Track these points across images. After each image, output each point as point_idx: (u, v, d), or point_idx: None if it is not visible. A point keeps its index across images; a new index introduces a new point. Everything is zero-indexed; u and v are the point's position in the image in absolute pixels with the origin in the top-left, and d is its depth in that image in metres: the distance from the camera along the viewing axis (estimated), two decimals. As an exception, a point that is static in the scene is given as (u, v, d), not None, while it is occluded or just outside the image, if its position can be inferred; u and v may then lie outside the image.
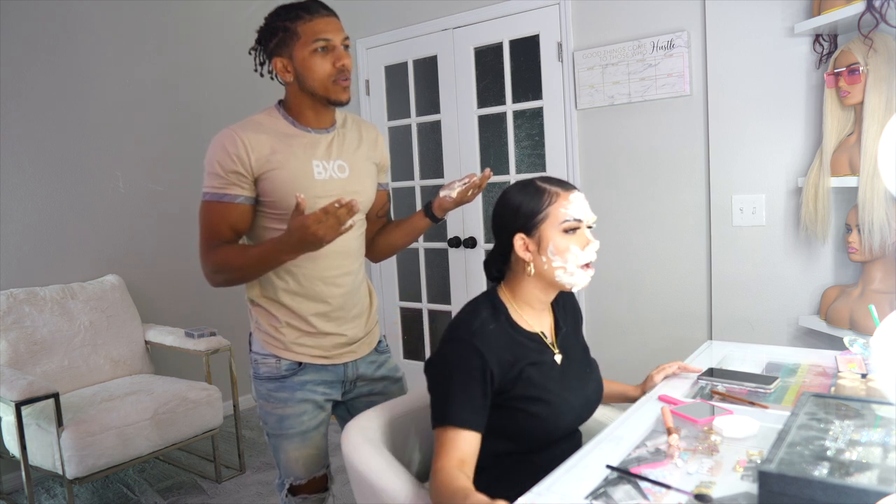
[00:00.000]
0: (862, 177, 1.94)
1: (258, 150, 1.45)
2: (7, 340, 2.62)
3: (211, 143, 1.48)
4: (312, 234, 1.27)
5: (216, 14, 3.59)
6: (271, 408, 1.57)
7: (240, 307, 3.66)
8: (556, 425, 1.26)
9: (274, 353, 1.55)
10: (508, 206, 1.28)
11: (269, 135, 1.48)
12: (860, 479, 0.88)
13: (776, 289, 2.37)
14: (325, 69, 1.46)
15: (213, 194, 1.47)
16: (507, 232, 1.28)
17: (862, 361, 1.49)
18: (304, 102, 1.52)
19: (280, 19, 1.47)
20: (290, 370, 1.55)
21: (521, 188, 1.29)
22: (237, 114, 4.02)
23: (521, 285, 1.30)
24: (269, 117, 1.53)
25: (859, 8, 1.90)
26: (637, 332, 2.71)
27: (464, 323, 1.26)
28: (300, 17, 1.45)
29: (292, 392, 1.55)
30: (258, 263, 1.43)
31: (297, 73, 1.48)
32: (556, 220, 1.24)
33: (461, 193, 1.62)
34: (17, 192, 2.89)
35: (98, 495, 2.74)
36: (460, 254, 3.28)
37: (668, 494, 1.00)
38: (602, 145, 2.77)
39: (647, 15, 2.56)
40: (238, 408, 2.91)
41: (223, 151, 1.45)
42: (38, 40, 2.94)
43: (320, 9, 1.47)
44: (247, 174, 1.45)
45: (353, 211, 1.26)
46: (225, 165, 1.44)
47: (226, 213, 1.47)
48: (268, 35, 1.50)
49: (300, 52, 1.45)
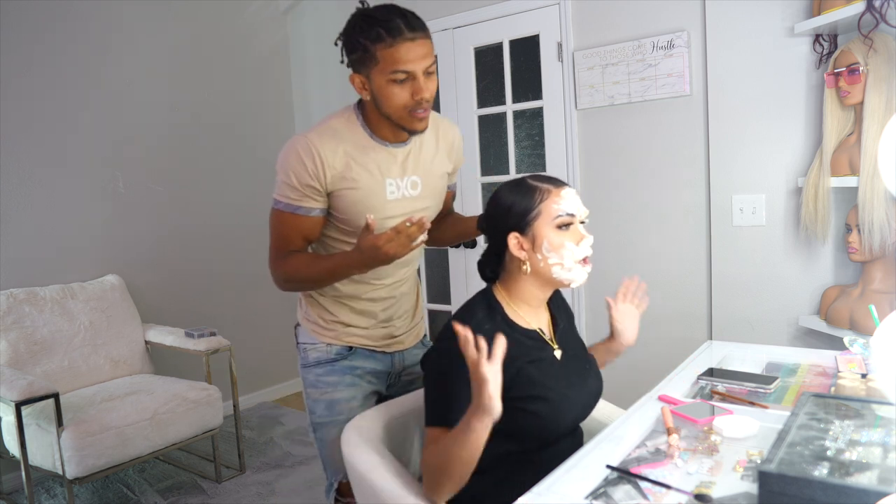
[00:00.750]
0: (862, 177, 1.94)
1: (334, 166, 1.40)
2: (7, 340, 2.62)
3: (285, 150, 1.43)
4: (384, 254, 1.28)
5: (217, 14, 3.59)
6: (319, 394, 1.56)
7: (240, 307, 3.69)
8: (558, 423, 1.26)
9: (324, 341, 1.57)
10: (500, 205, 1.28)
11: (345, 145, 1.42)
12: (860, 479, 0.88)
13: (776, 289, 2.36)
14: (402, 100, 1.35)
15: (287, 205, 1.44)
16: (500, 232, 1.28)
17: (862, 361, 1.49)
18: (380, 120, 1.44)
19: (360, 35, 1.32)
20: (340, 354, 1.57)
21: (511, 188, 1.29)
22: (237, 113, 4.04)
23: (517, 284, 1.30)
24: (346, 123, 1.45)
25: (859, 8, 1.90)
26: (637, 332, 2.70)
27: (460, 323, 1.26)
28: (382, 38, 1.30)
29: (342, 375, 1.56)
30: (328, 276, 1.44)
31: (374, 96, 1.38)
32: (549, 216, 1.24)
33: None
34: (17, 192, 2.89)
35: (98, 495, 2.74)
36: (460, 254, 3.28)
37: (668, 494, 1.00)
38: (602, 145, 2.76)
39: (647, 15, 2.56)
40: (238, 408, 2.91)
41: (299, 164, 1.39)
42: (39, 40, 2.95)
43: (405, 30, 1.30)
44: (321, 188, 1.42)
45: (423, 228, 1.25)
46: (301, 178, 1.40)
47: (299, 225, 1.45)
48: (349, 48, 1.37)
49: (377, 78, 1.34)
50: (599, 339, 1.60)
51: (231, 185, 3.68)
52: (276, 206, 1.46)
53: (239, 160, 3.70)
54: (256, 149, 3.73)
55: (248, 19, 3.74)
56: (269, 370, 3.80)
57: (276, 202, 1.45)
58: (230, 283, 3.65)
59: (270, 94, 3.87)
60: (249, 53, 3.76)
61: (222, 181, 3.63)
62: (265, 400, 3.84)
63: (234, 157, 3.70)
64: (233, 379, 2.88)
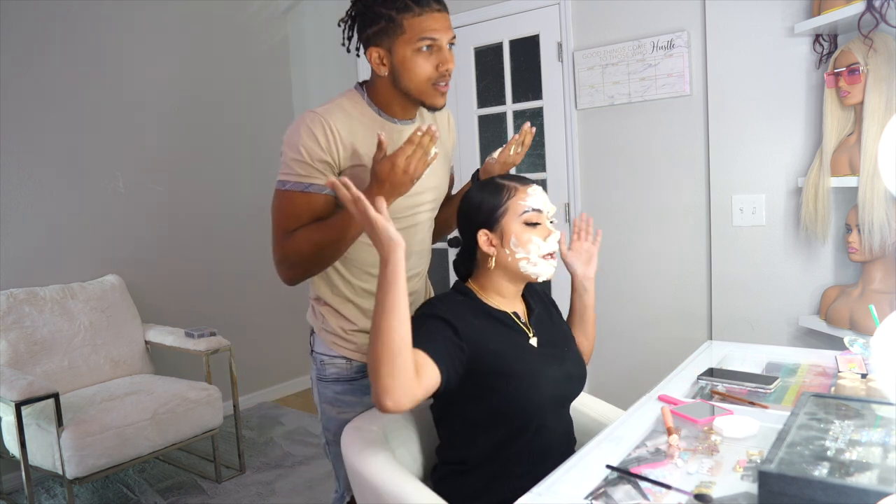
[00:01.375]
0: (862, 177, 1.94)
1: (346, 141, 1.34)
2: (7, 340, 2.62)
3: (294, 126, 1.36)
4: (403, 172, 1.21)
5: (217, 13, 3.59)
6: (336, 412, 1.49)
7: (240, 307, 3.69)
8: (540, 397, 1.26)
9: (344, 356, 1.47)
10: (470, 204, 1.33)
11: (355, 123, 1.37)
12: (860, 479, 0.88)
13: (776, 289, 2.36)
14: (426, 71, 1.33)
15: (297, 183, 1.32)
16: (471, 229, 1.32)
17: (862, 361, 1.49)
18: (394, 97, 1.40)
19: (386, 6, 1.30)
20: (360, 372, 1.48)
21: (481, 186, 1.34)
22: (237, 113, 4.03)
23: (488, 279, 1.34)
24: (352, 103, 1.41)
25: (859, 8, 1.90)
26: (637, 332, 2.71)
27: (429, 304, 1.30)
28: (409, 8, 1.29)
29: (361, 396, 1.48)
30: (344, 230, 1.28)
31: (394, 69, 1.34)
32: (516, 212, 1.29)
33: (504, 154, 1.54)
34: (17, 192, 2.89)
35: (98, 495, 2.74)
36: (460, 254, 3.28)
37: (668, 494, 1.00)
38: (602, 145, 2.77)
39: (647, 15, 2.56)
40: (238, 408, 2.91)
41: (311, 138, 1.32)
42: (39, 40, 2.95)
43: (432, 2, 1.32)
44: (334, 164, 1.34)
45: (434, 138, 1.21)
46: (313, 153, 1.32)
47: (310, 204, 1.33)
48: (368, 20, 1.33)
49: (402, 49, 1.32)
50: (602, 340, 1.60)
51: (231, 185, 3.68)
52: (282, 188, 1.34)
53: (239, 160, 3.70)
54: (257, 148, 3.73)
55: (248, 19, 3.74)
56: (269, 370, 3.81)
57: (283, 182, 1.34)
58: (230, 283, 3.65)
59: (270, 93, 3.87)
60: (249, 53, 3.76)
61: (222, 181, 3.63)
62: (265, 400, 3.84)
63: (234, 156, 3.70)
64: (233, 379, 2.88)
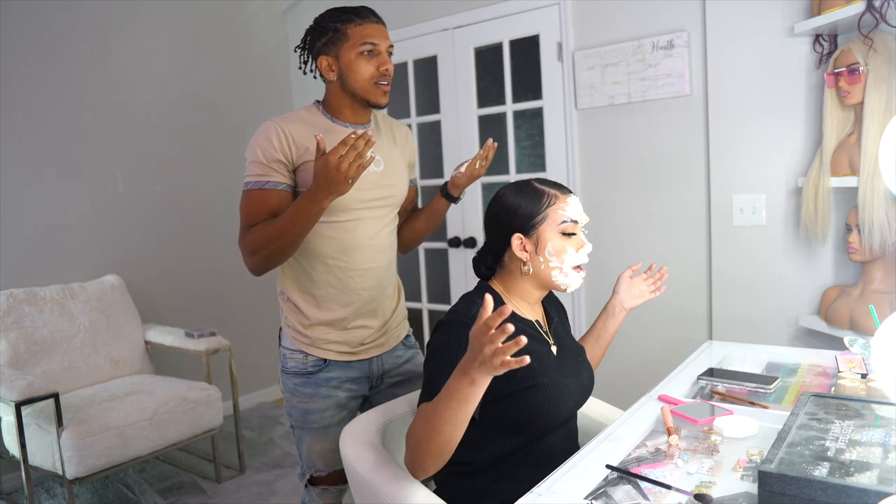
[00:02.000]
0: (862, 177, 1.94)
1: (298, 140, 1.51)
2: (7, 340, 2.62)
3: (254, 135, 1.54)
4: (336, 170, 1.30)
5: (217, 14, 3.59)
6: (297, 401, 1.64)
7: (240, 307, 3.69)
8: (556, 414, 1.27)
9: (301, 350, 1.62)
10: (505, 206, 1.30)
11: (309, 128, 1.54)
12: (860, 479, 0.88)
13: (776, 289, 2.37)
14: (368, 71, 1.53)
15: (255, 182, 1.52)
16: (503, 232, 1.30)
17: (862, 361, 1.49)
18: (343, 101, 1.58)
19: (332, 20, 1.53)
20: (316, 366, 1.62)
21: (517, 190, 1.31)
22: (237, 113, 4.05)
23: (514, 282, 1.33)
24: (308, 113, 1.60)
25: (859, 8, 1.90)
26: (637, 332, 2.71)
27: (463, 308, 1.26)
28: (351, 20, 1.52)
29: (316, 388, 1.61)
30: (291, 223, 1.42)
31: (341, 73, 1.54)
32: (555, 221, 1.27)
33: (469, 167, 1.70)
34: (17, 192, 2.89)
35: (98, 495, 2.74)
36: (460, 254, 3.28)
37: (668, 494, 1.00)
38: (602, 145, 2.77)
39: (647, 15, 2.56)
40: (238, 408, 2.91)
41: (266, 141, 1.50)
42: (38, 40, 2.95)
43: (371, 15, 1.55)
44: (287, 163, 1.51)
45: (370, 142, 1.30)
46: (267, 154, 1.50)
47: (267, 200, 1.51)
48: (317, 34, 1.56)
49: (347, 54, 1.52)
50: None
51: (231, 185, 3.66)
52: (245, 188, 1.53)
53: (239, 160, 3.64)
54: (256, 149, 3.73)
55: (248, 19, 3.74)
56: (269, 370, 3.80)
57: (245, 184, 1.53)
58: (230, 283, 3.65)
59: (270, 93, 3.87)
60: (249, 53, 3.76)
61: (222, 181, 3.63)
62: (265, 400, 3.84)
63: (234, 156, 3.69)
64: (233, 379, 2.88)
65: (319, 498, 1.71)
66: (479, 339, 0.93)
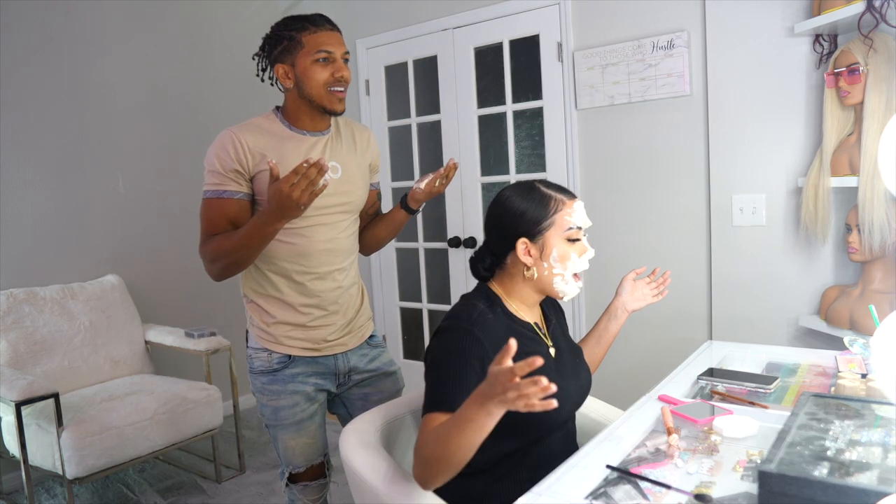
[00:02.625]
0: (862, 177, 1.94)
1: (254, 149, 1.52)
2: (7, 340, 2.62)
3: (211, 144, 1.55)
4: (287, 198, 1.31)
5: (216, 14, 3.59)
6: (266, 400, 1.65)
7: (240, 307, 3.66)
8: (557, 414, 1.25)
9: (266, 347, 1.63)
10: (511, 210, 1.28)
11: (266, 136, 1.56)
12: (860, 479, 0.88)
13: (776, 289, 2.36)
14: (323, 77, 1.55)
15: (213, 191, 1.53)
16: (507, 235, 1.28)
17: (862, 361, 1.49)
18: (301, 108, 1.60)
19: (287, 29, 1.56)
20: (280, 363, 1.63)
21: (523, 193, 1.29)
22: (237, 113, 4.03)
23: (514, 285, 1.32)
24: (266, 120, 1.61)
25: (859, 8, 1.90)
26: (637, 332, 2.70)
27: (463, 312, 1.26)
28: (306, 28, 1.55)
29: (284, 384, 1.63)
30: (247, 240, 1.46)
31: (298, 80, 1.56)
32: (561, 228, 1.27)
33: (429, 184, 1.72)
34: (17, 191, 2.89)
35: (98, 495, 2.74)
36: (460, 254, 3.28)
37: (668, 494, 1.00)
38: (602, 145, 2.77)
39: (647, 15, 2.56)
40: (238, 408, 2.91)
41: (223, 150, 1.52)
42: (39, 41, 2.94)
43: (325, 23, 1.57)
44: (244, 171, 1.53)
45: (323, 170, 1.30)
46: (224, 164, 1.51)
47: (225, 209, 1.53)
48: (273, 42, 1.59)
49: (302, 61, 1.54)
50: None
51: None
52: (204, 197, 1.55)
53: None
54: (256, 149, 3.73)
55: (248, 19, 3.74)
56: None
57: (204, 193, 1.55)
58: (230, 283, 3.63)
59: (270, 93, 3.85)
60: (249, 53, 3.75)
61: (222, 181, 3.63)
62: (265, 400, 3.84)
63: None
64: (233, 379, 2.88)
65: (302, 494, 1.72)
66: (502, 383, 0.91)
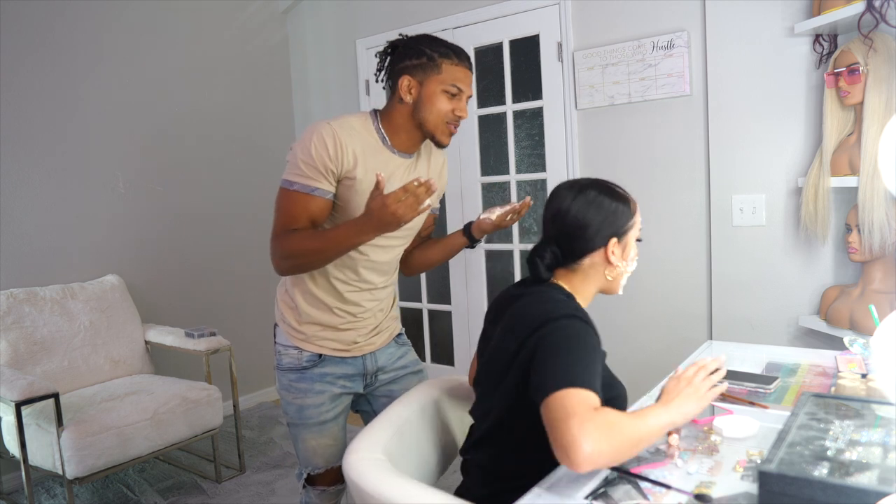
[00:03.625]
0: (862, 177, 1.94)
1: (350, 155, 1.48)
2: (7, 340, 2.62)
3: (307, 133, 1.49)
4: (391, 214, 1.30)
5: (217, 15, 3.59)
6: (291, 398, 1.64)
7: (240, 307, 3.69)
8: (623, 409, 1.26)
9: (296, 345, 1.62)
10: (605, 207, 1.25)
11: (361, 143, 1.51)
12: (860, 479, 0.88)
13: (776, 289, 2.37)
14: (446, 109, 1.51)
15: (303, 185, 1.47)
16: (599, 234, 1.25)
17: (862, 361, 1.49)
18: (406, 125, 1.55)
19: (430, 47, 1.52)
20: (310, 361, 1.62)
21: (608, 191, 1.27)
22: (236, 113, 4.03)
23: (586, 284, 1.29)
24: (362, 124, 1.55)
25: (859, 8, 1.90)
26: (637, 332, 2.71)
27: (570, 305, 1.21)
28: (449, 56, 1.51)
29: (311, 383, 1.62)
30: (335, 245, 1.43)
31: (419, 100, 1.52)
32: (637, 227, 1.30)
33: (500, 217, 1.70)
34: (17, 192, 2.89)
35: (98, 495, 2.74)
36: (460, 254, 3.27)
37: (668, 494, 1.00)
38: (602, 145, 2.77)
39: (647, 15, 2.56)
40: (238, 408, 2.91)
41: (322, 146, 1.46)
42: (39, 41, 2.94)
43: (467, 60, 1.55)
44: (336, 172, 1.48)
45: (431, 190, 1.29)
46: (322, 160, 1.46)
47: (310, 206, 1.48)
48: (410, 53, 1.52)
49: (433, 85, 1.50)
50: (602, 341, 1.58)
51: (231, 184, 3.67)
52: (289, 188, 1.47)
53: (239, 160, 3.70)
54: (256, 148, 3.73)
55: (248, 19, 3.74)
56: (270, 370, 3.77)
57: (290, 183, 1.47)
58: (230, 283, 3.65)
59: (270, 93, 3.87)
60: (249, 53, 3.76)
61: (222, 181, 3.63)
62: (265, 400, 3.84)
63: (234, 156, 3.70)
64: (233, 379, 2.88)
65: (319, 499, 1.71)
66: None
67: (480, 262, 3.24)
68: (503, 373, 1.20)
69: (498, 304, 1.36)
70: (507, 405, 1.20)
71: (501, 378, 1.21)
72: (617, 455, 0.97)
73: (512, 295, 1.32)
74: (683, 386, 1.11)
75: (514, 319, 1.23)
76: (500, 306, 1.34)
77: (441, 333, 3.48)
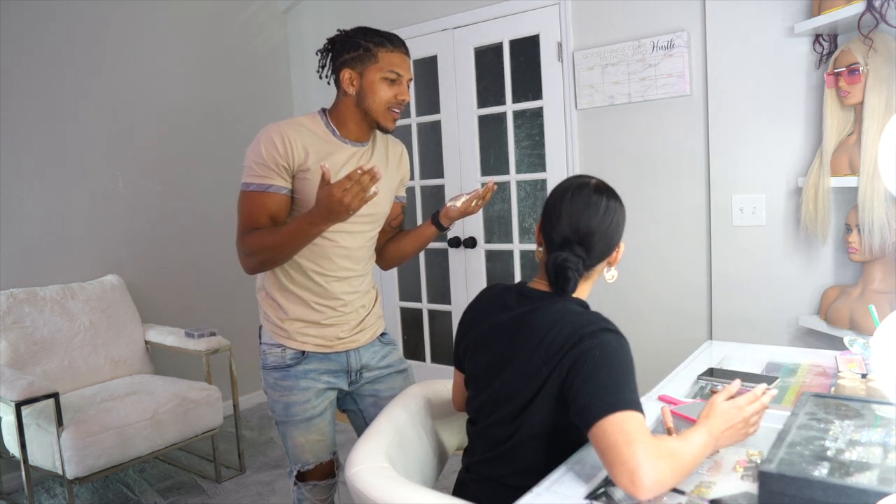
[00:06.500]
0: (862, 177, 1.94)
1: (299, 150, 1.55)
2: (7, 340, 2.62)
3: (257, 137, 1.57)
4: (338, 202, 1.33)
5: (217, 14, 3.59)
6: (278, 396, 1.67)
7: (240, 307, 3.69)
8: None
9: (280, 343, 1.65)
10: (623, 215, 1.28)
11: (311, 137, 1.58)
12: (860, 479, 0.88)
13: (776, 289, 2.37)
14: (387, 96, 1.58)
15: (257, 185, 1.55)
16: (614, 242, 1.26)
17: (862, 361, 1.49)
18: (353, 116, 1.61)
19: (365, 38, 1.58)
20: (294, 359, 1.65)
21: (617, 196, 1.29)
22: (237, 113, 4.04)
23: (587, 288, 1.32)
24: (311, 121, 1.62)
25: (859, 8, 1.90)
26: (637, 332, 2.70)
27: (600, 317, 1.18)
28: (384, 45, 1.57)
29: (296, 380, 1.65)
30: (290, 239, 1.48)
31: (361, 90, 1.58)
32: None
33: (465, 204, 1.75)
34: (17, 192, 2.89)
35: (98, 495, 2.74)
36: (460, 254, 3.28)
37: (668, 494, 1.00)
38: (602, 145, 2.77)
39: (647, 15, 2.56)
40: (238, 408, 2.91)
41: (270, 144, 1.53)
42: (39, 40, 2.94)
43: (402, 45, 1.61)
44: (289, 168, 1.55)
45: (375, 178, 1.33)
46: (271, 158, 1.53)
47: (267, 203, 1.55)
48: (347, 47, 1.59)
49: (371, 74, 1.57)
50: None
51: (231, 184, 3.66)
52: (246, 189, 1.57)
53: (239, 160, 3.64)
54: (256, 149, 3.73)
55: (248, 19, 3.74)
56: (269, 370, 3.80)
57: (247, 185, 1.57)
58: (230, 284, 3.65)
59: (270, 93, 3.87)
60: (249, 53, 3.76)
61: (222, 181, 3.63)
62: (265, 400, 3.83)
63: (233, 156, 3.68)
64: (233, 379, 2.88)
65: (311, 494, 1.73)
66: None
67: (480, 262, 3.24)
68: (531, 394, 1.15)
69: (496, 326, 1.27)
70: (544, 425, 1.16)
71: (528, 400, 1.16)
72: (675, 482, 0.98)
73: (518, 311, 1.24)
74: (734, 415, 1.08)
75: (537, 335, 1.16)
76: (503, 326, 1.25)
77: (441, 333, 3.48)
